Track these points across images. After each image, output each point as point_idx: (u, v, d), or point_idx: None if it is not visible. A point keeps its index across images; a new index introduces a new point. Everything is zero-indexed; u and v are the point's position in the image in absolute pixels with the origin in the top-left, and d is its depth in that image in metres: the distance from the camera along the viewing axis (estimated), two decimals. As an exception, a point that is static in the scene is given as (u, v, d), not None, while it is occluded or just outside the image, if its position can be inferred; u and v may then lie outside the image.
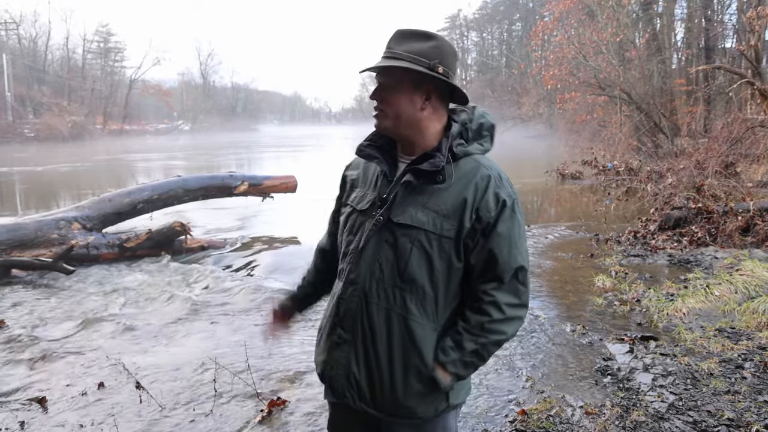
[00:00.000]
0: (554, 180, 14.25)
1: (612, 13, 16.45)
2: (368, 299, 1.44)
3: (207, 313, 4.87)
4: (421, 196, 1.42)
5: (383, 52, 1.46)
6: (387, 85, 1.45)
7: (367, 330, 1.45)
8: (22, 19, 56.75)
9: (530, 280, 1.60)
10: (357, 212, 1.51)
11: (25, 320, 4.73)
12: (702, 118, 16.10)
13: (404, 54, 1.42)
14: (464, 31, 78.93)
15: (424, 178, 1.42)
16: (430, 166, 1.41)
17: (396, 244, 1.42)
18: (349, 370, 1.47)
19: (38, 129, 44.79)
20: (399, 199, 1.43)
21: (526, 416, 2.89)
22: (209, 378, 3.39)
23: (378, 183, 1.50)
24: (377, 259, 1.44)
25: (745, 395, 3.02)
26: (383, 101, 1.45)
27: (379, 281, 1.43)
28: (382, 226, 1.44)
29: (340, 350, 1.49)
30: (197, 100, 76.59)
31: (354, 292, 1.46)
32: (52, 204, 12.43)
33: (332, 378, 1.51)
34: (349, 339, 1.47)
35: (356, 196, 1.54)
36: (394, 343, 1.43)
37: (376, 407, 1.46)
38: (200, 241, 7.43)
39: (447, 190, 1.41)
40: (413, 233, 1.40)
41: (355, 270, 1.46)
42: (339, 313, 1.49)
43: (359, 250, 1.46)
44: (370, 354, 1.45)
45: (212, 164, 24.53)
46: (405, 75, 1.42)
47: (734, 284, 4.80)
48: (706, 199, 7.83)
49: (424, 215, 1.40)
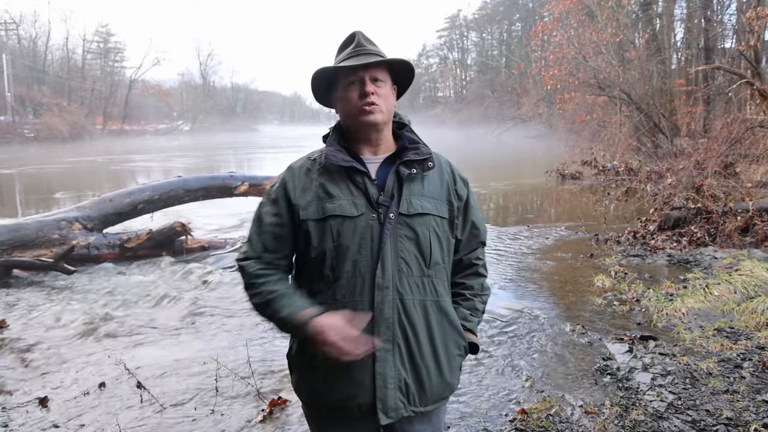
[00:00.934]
0: (554, 180, 14.25)
1: (612, 13, 16.46)
2: (403, 298, 1.44)
3: (208, 313, 4.88)
4: (416, 186, 1.50)
5: (355, 50, 1.51)
6: (381, 80, 1.50)
7: (407, 329, 1.44)
8: (22, 19, 56.92)
9: (529, 280, 1.65)
10: (346, 219, 1.43)
11: (26, 320, 4.74)
12: (701, 119, 16.11)
13: (380, 52, 1.52)
14: (464, 31, 78.98)
15: (417, 167, 1.50)
16: (419, 155, 1.51)
17: (416, 235, 1.46)
18: (400, 378, 1.43)
19: (38, 129, 44.82)
20: (403, 194, 1.46)
21: (526, 415, 2.91)
22: (210, 377, 3.41)
23: (357, 185, 1.46)
24: (400, 256, 1.44)
25: (743, 394, 3.04)
26: (378, 95, 1.48)
27: (408, 276, 1.45)
28: (395, 224, 1.44)
29: (384, 364, 1.42)
30: (197, 100, 76.64)
31: (386, 296, 1.42)
32: (52, 204, 12.43)
33: (386, 398, 1.41)
34: (388, 348, 1.42)
35: (334, 206, 1.44)
36: (434, 330, 1.48)
37: (425, 403, 1.48)
38: (201, 241, 7.44)
39: (432, 176, 1.54)
40: (428, 221, 1.48)
41: (383, 274, 1.42)
42: (372, 327, 1.41)
43: (376, 253, 1.42)
44: (414, 352, 1.45)
45: (212, 164, 24.53)
46: (387, 72, 1.53)
47: (733, 284, 4.82)
48: (705, 199, 7.84)
49: (428, 202, 1.50)
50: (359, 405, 1.43)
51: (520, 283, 5.57)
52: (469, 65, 77.61)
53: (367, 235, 1.43)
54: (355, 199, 1.45)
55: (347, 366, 1.40)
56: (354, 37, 1.53)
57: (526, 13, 61.84)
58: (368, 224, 1.44)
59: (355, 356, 1.37)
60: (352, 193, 1.46)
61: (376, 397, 1.41)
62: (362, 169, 1.47)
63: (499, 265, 6.25)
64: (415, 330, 1.45)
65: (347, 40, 1.55)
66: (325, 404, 1.49)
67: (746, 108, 15.10)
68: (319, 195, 1.47)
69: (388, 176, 1.49)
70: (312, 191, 1.48)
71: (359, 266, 1.43)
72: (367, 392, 1.42)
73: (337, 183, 1.47)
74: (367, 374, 1.42)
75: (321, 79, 1.55)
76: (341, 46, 1.56)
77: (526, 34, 45.30)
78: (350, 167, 1.47)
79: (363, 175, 1.47)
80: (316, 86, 1.58)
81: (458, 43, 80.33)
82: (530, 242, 7.52)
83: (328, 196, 1.46)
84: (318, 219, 1.45)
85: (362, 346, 1.37)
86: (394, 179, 1.48)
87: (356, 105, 1.47)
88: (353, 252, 1.43)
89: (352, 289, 1.43)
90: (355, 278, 1.43)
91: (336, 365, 1.40)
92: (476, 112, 55.12)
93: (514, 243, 7.50)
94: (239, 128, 75.35)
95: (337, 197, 1.46)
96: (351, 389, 1.42)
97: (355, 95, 1.47)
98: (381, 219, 1.44)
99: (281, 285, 1.48)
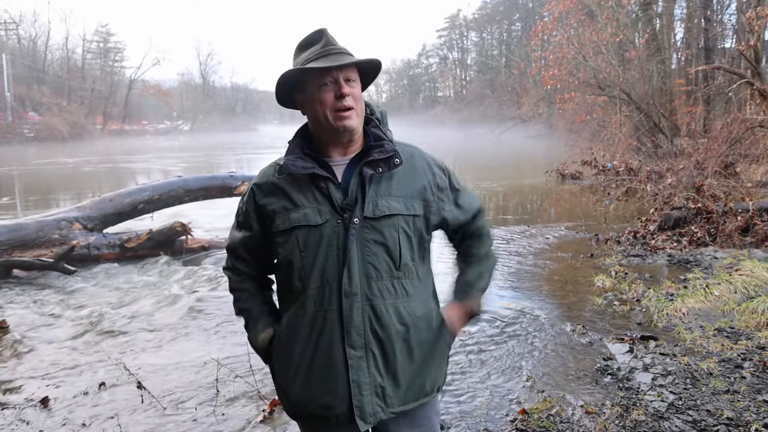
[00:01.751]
0: (554, 180, 14.26)
1: (611, 13, 16.46)
2: (373, 303, 1.40)
3: (208, 313, 4.88)
4: (382, 186, 1.43)
5: (325, 49, 1.41)
6: (353, 80, 1.43)
7: (380, 334, 1.41)
8: (22, 19, 56.95)
9: (530, 280, 1.64)
10: (311, 228, 1.40)
11: (26, 320, 4.74)
12: (701, 119, 16.10)
13: (349, 51, 1.45)
14: (464, 31, 78.98)
15: (382, 166, 1.43)
16: (383, 153, 1.43)
17: (384, 238, 1.41)
18: (375, 383, 1.41)
19: (38, 129, 44.84)
20: (367, 196, 1.40)
21: (527, 415, 2.91)
22: (211, 378, 3.41)
23: (322, 191, 1.41)
24: (368, 261, 1.40)
25: (744, 394, 3.04)
26: (353, 97, 1.41)
27: (377, 280, 1.40)
28: (361, 228, 1.39)
29: (357, 371, 1.40)
30: (197, 100, 76.65)
31: (354, 304, 1.39)
32: (52, 204, 12.43)
33: (362, 404, 1.40)
34: (361, 355, 1.40)
35: (299, 215, 1.41)
36: (410, 332, 1.45)
37: (404, 402, 1.46)
38: (201, 241, 7.44)
39: (401, 173, 1.46)
40: (396, 222, 1.42)
41: (349, 281, 1.38)
42: (342, 335, 1.39)
43: (342, 260, 1.38)
44: (389, 355, 1.42)
45: (212, 164, 24.54)
46: (357, 71, 1.45)
47: (733, 284, 4.82)
48: (705, 199, 7.84)
49: (396, 202, 1.43)
50: (336, 414, 1.42)
51: (520, 283, 5.57)
52: (469, 65, 77.61)
53: (333, 242, 1.39)
54: (319, 206, 1.40)
55: (321, 376, 1.41)
56: (321, 34, 1.44)
57: (526, 13, 61.84)
58: (333, 231, 1.39)
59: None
60: (317, 200, 1.41)
61: (353, 405, 1.40)
62: (325, 174, 1.41)
63: (499, 265, 6.25)
64: (388, 334, 1.41)
65: (312, 38, 1.45)
66: (305, 413, 1.49)
67: (746, 108, 15.11)
68: (285, 205, 1.43)
69: (351, 179, 1.42)
70: (279, 202, 1.44)
71: (326, 275, 1.39)
72: (343, 401, 1.41)
73: (301, 190, 1.42)
74: (341, 383, 1.40)
75: (286, 80, 1.45)
76: (304, 44, 1.46)
77: (526, 34, 45.31)
78: (313, 174, 1.41)
79: (326, 180, 1.41)
80: (280, 87, 1.48)
81: (458, 43, 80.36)
82: (530, 242, 7.52)
83: (294, 205, 1.42)
84: (284, 230, 1.42)
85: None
86: (358, 181, 1.42)
87: (332, 108, 1.39)
88: (320, 261, 1.40)
89: (320, 299, 1.40)
90: (323, 287, 1.40)
91: (309, 376, 1.43)
92: (476, 112, 55.15)
93: (514, 243, 7.50)
94: (239, 128, 75.34)
95: (302, 206, 1.41)
96: (327, 399, 1.42)
97: (330, 97, 1.39)
98: (346, 224, 1.38)
99: (251, 303, 1.60)
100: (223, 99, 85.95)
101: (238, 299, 1.61)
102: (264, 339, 1.55)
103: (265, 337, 1.54)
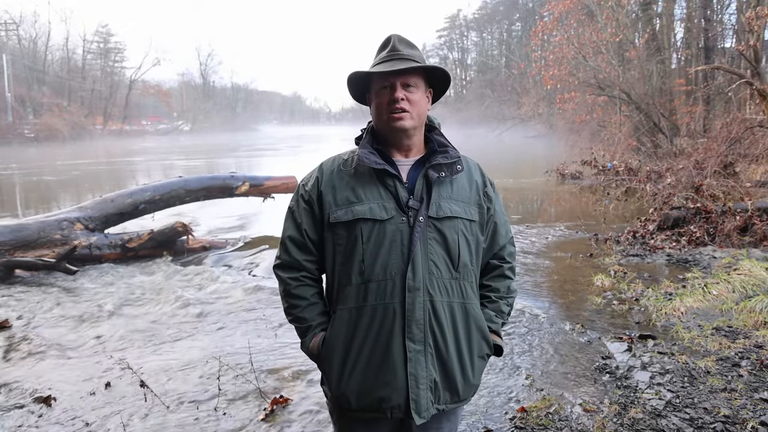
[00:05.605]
0: (554, 180, 14.28)
1: (611, 13, 16.48)
2: (433, 299, 1.46)
3: (209, 312, 4.91)
4: (444, 189, 1.52)
5: (390, 54, 1.51)
6: (412, 85, 1.51)
7: (436, 330, 1.46)
8: (22, 19, 57.09)
9: (529, 280, 1.67)
10: (376, 222, 1.46)
11: (29, 320, 4.77)
12: (701, 118, 16.14)
13: (416, 56, 1.51)
14: (464, 31, 79.01)
15: (446, 170, 1.51)
16: (448, 158, 1.52)
17: (445, 238, 1.48)
18: (430, 378, 1.46)
19: (38, 129, 44.87)
20: (432, 197, 1.48)
21: (526, 414, 2.93)
22: (213, 376, 3.44)
23: (388, 188, 1.48)
24: (430, 259, 1.46)
25: (741, 393, 3.06)
26: (409, 101, 1.49)
27: (438, 278, 1.47)
28: (425, 226, 1.46)
29: (416, 365, 1.44)
30: (197, 100, 76.73)
31: (417, 298, 1.44)
32: (53, 205, 12.46)
33: (419, 398, 1.44)
34: (420, 349, 1.44)
35: (364, 209, 1.47)
36: (460, 332, 1.51)
37: (449, 402, 1.50)
38: (202, 241, 7.47)
39: (460, 179, 1.56)
40: (456, 224, 1.50)
41: (413, 276, 1.44)
42: (403, 329, 1.44)
43: (406, 255, 1.45)
44: (442, 352, 1.47)
45: (212, 164, 24.55)
46: (422, 76, 1.53)
47: (732, 283, 4.84)
48: (704, 199, 7.86)
49: (456, 205, 1.52)
50: (392, 407, 1.45)
51: (520, 283, 5.58)
52: (469, 65, 77.65)
53: (397, 238, 1.45)
54: (384, 202, 1.47)
55: (379, 369, 1.45)
56: (390, 40, 1.54)
57: (526, 13, 61.80)
58: (398, 228, 1.46)
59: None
60: (382, 197, 1.48)
61: (410, 398, 1.44)
62: (394, 172, 1.48)
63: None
64: (442, 331, 1.47)
65: (384, 43, 1.56)
66: (358, 407, 1.49)
67: (746, 108, 15.11)
68: (348, 197, 1.49)
69: (417, 179, 1.50)
70: (342, 193, 1.50)
71: (390, 269, 1.45)
72: (400, 394, 1.44)
73: (367, 185, 1.49)
74: (399, 376, 1.44)
75: (357, 79, 1.57)
76: (379, 49, 1.57)
77: (526, 34, 45.26)
78: (382, 170, 1.48)
79: (394, 179, 1.48)
80: (352, 85, 1.60)
81: (458, 42, 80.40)
82: (530, 242, 7.55)
83: (358, 198, 1.48)
84: (347, 222, 1.48)
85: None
86: (423, 183, 1.50)
87: (386, 110, 1.49)
88: (383, 255, 1.45)
89: (383, 293, 1.45)
90: (386, 281, 1.45)
91: (367, 368, 1.45)
92: (476, 112, 55.11)
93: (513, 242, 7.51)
94: (239, 128, 75.42)
95: (367, 200, 1.47)
96: (384, 391, 1.45)
97: (386, 99, 1.49)
98: (411, 222, 1.46)
99: (308, 313, 1.57)
100: (224, 99, 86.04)
101: (294, 306, 1.57)
102: (317, 341, 1.55)
103: (318, 340, 1.55)
